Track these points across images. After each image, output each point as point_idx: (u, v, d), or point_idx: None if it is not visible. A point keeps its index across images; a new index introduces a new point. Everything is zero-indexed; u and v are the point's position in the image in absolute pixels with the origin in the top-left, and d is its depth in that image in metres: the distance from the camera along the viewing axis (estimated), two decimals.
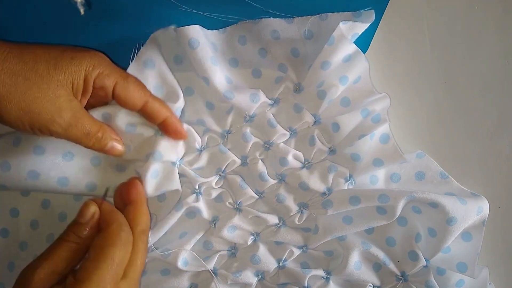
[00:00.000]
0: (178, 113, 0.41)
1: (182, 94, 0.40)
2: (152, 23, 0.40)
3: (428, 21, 0.42)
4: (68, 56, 0.36)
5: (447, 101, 0.43)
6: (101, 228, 0.35)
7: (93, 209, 0.35)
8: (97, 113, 0.39)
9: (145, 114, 0.39)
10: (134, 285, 0.35)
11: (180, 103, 0.40)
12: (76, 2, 0.40)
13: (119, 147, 0.39)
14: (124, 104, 0.38)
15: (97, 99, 0.38)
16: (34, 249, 0.44)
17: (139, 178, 0.40)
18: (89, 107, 0.39)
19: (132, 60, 0.40)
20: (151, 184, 0.40)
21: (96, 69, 0.36)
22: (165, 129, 0.40)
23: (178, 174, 0.41)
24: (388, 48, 0.42)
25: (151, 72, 0.40)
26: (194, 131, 0.42)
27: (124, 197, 0.38)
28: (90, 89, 0.37)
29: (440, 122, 0.43)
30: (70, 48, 0.37)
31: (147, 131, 0.40)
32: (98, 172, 0.41)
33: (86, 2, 0.40)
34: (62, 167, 0.40)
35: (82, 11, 0.41)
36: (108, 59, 0.38)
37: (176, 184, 0.41)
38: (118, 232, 0.34)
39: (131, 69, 0.39)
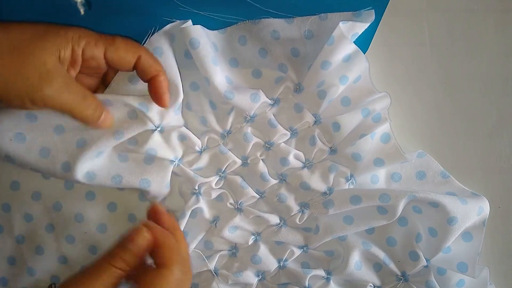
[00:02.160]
0: (176, 108, 0.41)
1: (182, 90, 0.40)
2: (153, 24, 0.40)
3: (428, 21, 0.42)
4: (53, 29, 0.35)
5: (447, 101, 0.43)
6: (156, 261, 0.33)
7: (146, 237, 0.33)
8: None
9: (138, 69, 0.38)
10: None
11: (178, 100, 0.40)
12: (76, 2, 0.40)
13: (109, 119, 0.38)
14: (118, 65, 0.38)
15: (90, 70, 0.38)
16: (32, 241, 0.45)
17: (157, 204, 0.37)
18: (84, 80, 0.39)
19: (143, 44, 0.40)
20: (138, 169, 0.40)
21: (82, 39, 0.36)
22: (152, 88, 0.38)
23: (171, 172, 0.41)
24: (388, 48, 0.42)
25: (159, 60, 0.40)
26: (194, 135, 0.42)
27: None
28: (79, 60, 0.36)
29: (440, 122, 0.43)
30: (55, 24, 0.36)
31: (146, 125, 0.40)
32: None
33: (86, 2, 0.40)
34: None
35: (82, 11, 0.41)
36: (93, 31, 0.37)
37: (166, 176, 0.41)
38: (173, 277, 0.32)
39: None
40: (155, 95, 0.38)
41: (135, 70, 0.38)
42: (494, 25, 0.41)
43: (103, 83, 0.41)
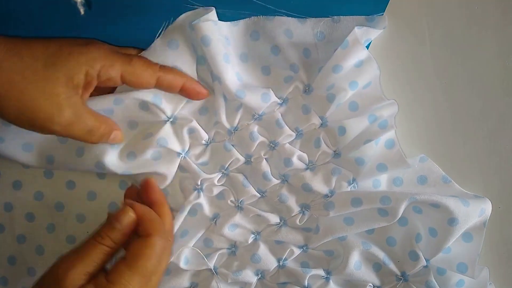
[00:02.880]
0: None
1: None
2: (155, 24, 0.40)
3: (428, 21, 0.42)
4: (65, 51, 0.35)
5: (447, 101, 0.43)
6: (140, 233, 0.36)
7: (131, 217, 0.36)
8: (109, 99, 0.39)
9: (162, 87, 0.39)
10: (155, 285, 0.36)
11: None
12: (76, 2, 0.40)
13: (120, 136, 0.39)
14: (137, 86, 0.38)
15: (106, 88, 0.38)
16: (33, 241, 0.45)
17: (151, 179, 0.39)
18: (99, 93, 0.39)
19: (158, 36, 0.40)
20: (147, 162, 0.40)
21: (97, 62, 0.35)
22: (186, 94, 0.40)
23: (177, 164, 0.41)
24: (388, 48, 0.42)
25: (172, 53, 0.40)
26: (202, 129, 0.42)
27: (144, 199, 0.38)
28: (94, 82, 0.36)
29: (440, 122, 0.43)
30: (68, 41, 0.36)
31: (158, 116, 0.40)
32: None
33: (86, 2, 0.41)
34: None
35: (82, 11, 0.41)
36: (106, 47, 0.37)
37: (172, 168, 0.41)
38: (156, 245, 0.35)
39: (154, 45, 0.40)
40: (193, 97, 0.40)
41: (158, 88, 0.39)
42: (494, 25, 0.41)
43: None
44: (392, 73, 0.43)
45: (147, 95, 0.39)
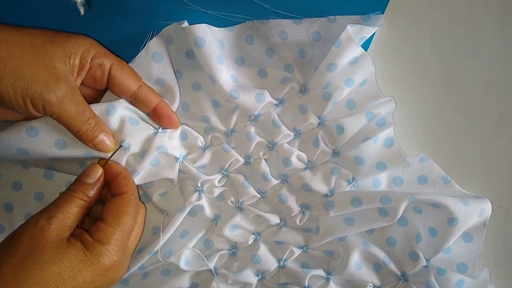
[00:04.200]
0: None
1: (178, 97, 0.41)
2: (154, 24, 0.40)
3: (428, 21, 0.42)
4: (64, 34, 0.36)
5: (447, 101, 0.43)
6: (114, 191, 0.38)
7: (100, 172, 0.38)
8: (100, 106, 0.38)
9: (137, 99, 0.39)
10: (130, 254, 0.38)
11: (175, 105, 0.41)
12: (76, 2, 0.40)
13: (108, 142, 0.38)
14: (118, 85, 0.38)
15: (92, 79, 0.38)
16: None
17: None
18: (84, 90, 0.38)
19: (142, 48, 0.40)
20: (148, 170, 0.40)
21: (93, 48, 0.36)
22: (158, 115, 0.40)
23: (178, 169, 0.41)
24: (388, 48, 0.42)
25: (157, 65, 0.40)
26: (194, 131, 0.42)
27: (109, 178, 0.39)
28: (87, 67, 0.36)
29: (440, 122, 0.43)
30: (64, 31, 0.37)
31: (149, 129, 0.40)
32: None
33: (86, 2, 0.40)
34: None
35: (82, 11, 0.41)
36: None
37: (174, 174, 0.41)
38: (132, 201, 0.37)
39: (139, 57, 0.40)
40: (164, 120, 0.40)
41: (132, 100, 0.39)
42: (494, 25, 0.41)
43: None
44: (392, 73, 0.43)
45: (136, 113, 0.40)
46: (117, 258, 0.35)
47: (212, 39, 0.39)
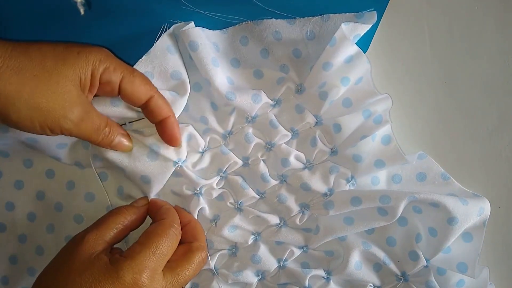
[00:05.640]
0: (181, 107, 0.41)
1: (189, 90, 0.41)
2: (154, 24, 0.40)
3: (428, 21, 0.42)
4: (74, 50, 0.35)
5: (447, 101, 0.43)
6: (156, 219, 0.39)
7: (146, 201, 0.41)
8: (106, 101, 0.39)
9: (147, 109, 0.38)
10: (177, 284, 0.38)
11: (185, 98, 0.41)
12: (76, 2, 0.40)
13: (126, 142, 0.39)
14: (129, 97, 0.37)
15: (104, 93, 0.38)
16: (34, 240, 0.45)
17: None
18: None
19: (156, 40, 0.40)
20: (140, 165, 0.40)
21: (102, 63, 0.36)
22: (163, 129, 0.39)
23: (171, 172, 0.41)
24: (388, 48, 0.42)
25: (172, 57, 0.40)
26: (199, 135, 0.42)
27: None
28: (97, 84, 0.36)
29: (440, 122, 0.43)
30: (75, 43, 0.36)
31: (149, 131, 0.40)
32: None
33: (86, 2, 0.40)
34: None
35: (82, 11, 0.41)
36: (113, 54, 0.37)
37: (167, 176, 0.41)
38: (168, 226, 0.38)
39: (155, 49, 0.39)
40: (169, 137, 0.40)
41: (142, 109, 0.39)
42: (494, 25, 0.41)
43: None
44: (392, 73, 0.43)
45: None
46: (140, 278, 0.35)
47: (207, 42, 0.39)
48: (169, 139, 0.40)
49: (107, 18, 0.41)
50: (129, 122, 0.41)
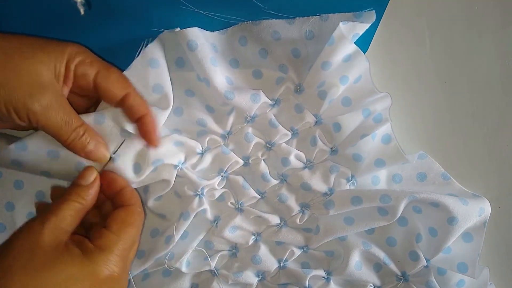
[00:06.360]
0: (162, 121, 0.40)
1: (172, 102, 0.40)
2: (154, 23, 0.40)
3: (428, 21, 0.42)
4: (53, 43, 0.35)
5: (447, 101, 0.43)
6: (120, 203, 0.37)
7: (94, 174, 0.36)
8: (89, 117, 0.38)
9: (125, 107, 0.37)
10: (128, 269, 0.37)
11: (168, 111, 0.40)
12: (76, 2, 0.40)
13: (103, 150, 0.37)
14: (105, 93, 0.36)
15: (81, 89, 0.37)
16: None
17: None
18: (75, 99, 0.38)
19: (138, 55, 0.39)
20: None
21: (78, 56, 0.35)
22: (140, 127, 0.38)
23: (175, 176, 0.41)
24: (388, 48, 0.42)
25: (154, 71, 0.39)
26: (188, 138, 0.42)
27: (110, 191, 0.38)
28: (71, 76, 0.35)
29: (440, 122, 0.43)
30: (55, 39, 0.36)
31: (139, 143, 0.39)
32: None
33: (86, 2, 0.40)
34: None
35: (82, 11, 0.40)
36: (91, 51, 0.37)
37: (171, 176, 0.40)
38: (138, 214, 0.37)
39: (135, 64, 0.39)
40: (146, 135, 0.38)
41: (120, 107, 0.38)
42: (494, 25, 0.41)
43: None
44: (392, 73, 0.43)
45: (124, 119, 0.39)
46: (118, 270, 0.33)
47: (205, 42, 0.39)
48: (148, 137, 0.38)
49: (107, 18, 0.41)
50: (113, 153, 0.38)
